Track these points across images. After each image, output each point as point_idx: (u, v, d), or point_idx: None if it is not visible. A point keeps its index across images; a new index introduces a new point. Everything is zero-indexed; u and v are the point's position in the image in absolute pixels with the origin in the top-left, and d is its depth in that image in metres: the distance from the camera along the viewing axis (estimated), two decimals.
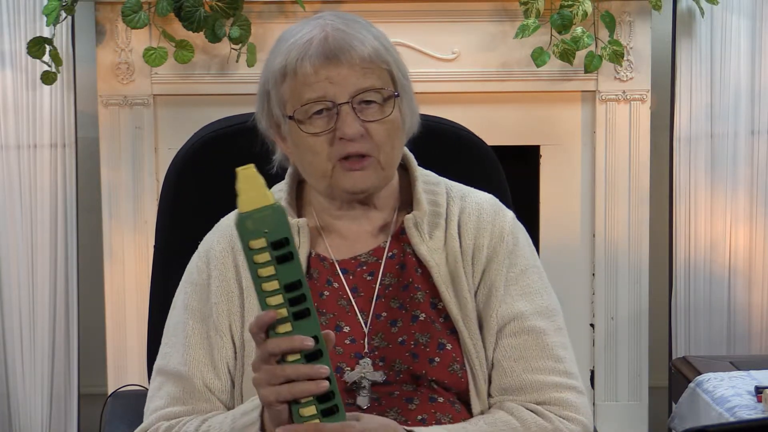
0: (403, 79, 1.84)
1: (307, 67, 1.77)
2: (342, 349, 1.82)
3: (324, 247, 1.87)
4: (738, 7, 3.75)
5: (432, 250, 1.85)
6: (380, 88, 1.80)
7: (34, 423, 3.73)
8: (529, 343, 1.83)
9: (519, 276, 1.86)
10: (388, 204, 1.89)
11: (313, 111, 1.79)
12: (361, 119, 1.78)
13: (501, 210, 1.91)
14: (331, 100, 1.78)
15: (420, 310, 1.83)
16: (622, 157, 3.71)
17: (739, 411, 2.87)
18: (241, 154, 2.14)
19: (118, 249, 3.65)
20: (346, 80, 1.77)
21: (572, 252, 3.72)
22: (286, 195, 1.89)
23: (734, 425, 1.51)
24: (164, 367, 1.86)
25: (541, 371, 1.82)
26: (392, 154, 1.82)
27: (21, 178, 3.68)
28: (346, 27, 1.80)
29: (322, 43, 1.77)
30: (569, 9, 3.50)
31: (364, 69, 1.78)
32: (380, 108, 1.80)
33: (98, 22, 3.59)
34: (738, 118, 3.77)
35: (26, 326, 3.71)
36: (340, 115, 1.78)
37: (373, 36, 1.81)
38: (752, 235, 3.81)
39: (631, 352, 3.76)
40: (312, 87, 1.77)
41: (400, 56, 1.85)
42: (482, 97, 3.67)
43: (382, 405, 1.79)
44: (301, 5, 3.52)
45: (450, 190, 1.91)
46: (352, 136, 1.77)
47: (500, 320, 1.83)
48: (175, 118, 3.64)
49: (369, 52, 1.78)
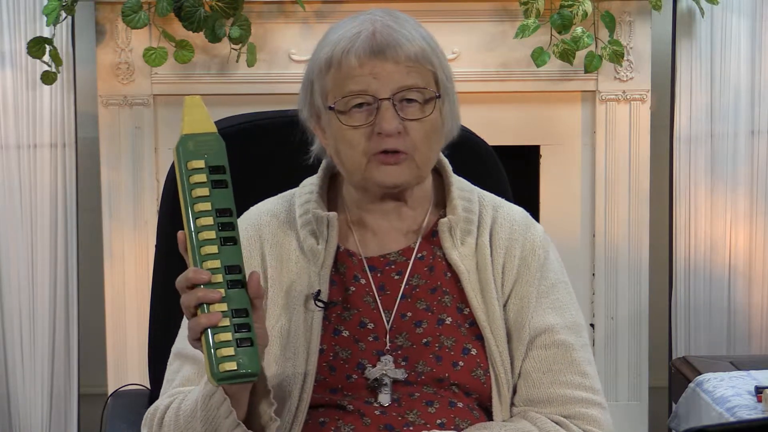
0: (447, 83, 1.85)
1: (352, 59, 1.78)
2: (365, 345, 1.82)
3: (353, 242, 1.88)
4: (738, 7, 3.75)
5: (463, 256, 1.86)
6: (423, 87, 1.81)
7: (34, 423, 3.73)
8: (557, 356, 1.84)
9: (550, 289, 1.87)
10: (420, 204, 1.89)
11: (353, 104, 1.79)
12: (401, 116, 1.79)
13: (533, 224, 1.93)
14: (373, 95, 1.78)
15: (447, 313, 1.84)
16: (622, 157, 3.71)
17: (739, 411, 2.87)
18: (242, 154, 2.15)
19: (118, 249, 3.65)
20: (389, 76, 1.78)
21: (572, 252, 3.72)
22: (318, 188, 1.89)
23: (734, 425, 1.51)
24: (182, 350, 1.86)
25: (568, 386, 1.83)
26: (428, 155, 1.83)
27: (21, 178, 3.68)
28: (396, 24, 1.81)
29: (369, 37, 1.78)
30: (569, 9, 3.50)
31: (408, 67, 1.79)
32: (421, 107, 1.81)
33: (98, 22, 3.59)
34: (738, 118, 3.77)
35: (26, 326, 3.71)
36: (380, 110, 1.78)
37: (421, 36, 1.83)
38: (752, 235, 3.81)
39: (631, 352, 3.76)
40: (355, 80, 1.78)
41: (447, 60, 1.87)
42: (482, 97, 3.67)
43: (402, 406, 1.80)
44: (301, 5, 3.52)
45: (483, 199, 1.92)
46: (390, 132, 1.78)
47: (532, 331, 1.84)
48: (175, 118, 3.64)
49: (415, 50, 1.80)
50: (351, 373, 1.81)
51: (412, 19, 1.86)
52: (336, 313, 1.83)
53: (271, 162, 2.01)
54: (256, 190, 2.00)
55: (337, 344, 1.81)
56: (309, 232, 1.86)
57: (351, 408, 1.80)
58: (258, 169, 2.13)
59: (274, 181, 1.96)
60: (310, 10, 3.58)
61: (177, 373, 1.86)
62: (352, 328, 1.83)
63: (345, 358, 1.81)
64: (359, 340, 1.82)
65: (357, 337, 1.82)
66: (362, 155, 1.79)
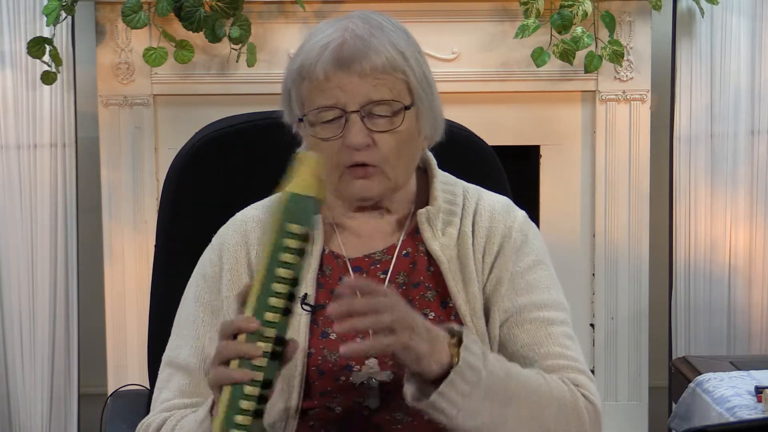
0: (422, 89, 1.81)
1: (319, 72, 1.76)
2: None
3: (337, 244, 1.87)
4: (738, 7, 3.75)
5: (444, 245, 1.85)
6: (390, 100, 1.78)
7: (34, 423, 3.73)
8: (532, 332, 1.82)
9: (525, 271, 1.86)
10: (402, 206, 1.88)
11: (324, 118, 1.78)
12: (369, 129, 1.77)
13: (513, 209, 1.92)
14: (342, 108, 1.77)
15: (429, 309, 1.83)
16: (622, 157, 3.71)
17: (739, 411, 2.87)
18: (242, 155, 2.15)
19: (118, 249, 3.65)
20: (356, 89, 1.76)
21: (572, 252, 3.72)
22: None
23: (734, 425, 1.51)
24: (174, 359, 1.86)
25: (548, 357, 1.81)
26: (399, 166, 1.81)
27: (21, 178, 3.68)
28: (367, 33, 1.78)
29: (336, 49, 1.76)
30: (569, 9, 3.50)
31: (376, 79, 1.77)
32: (390, 120, 1.79)
33: (98, 22, 3.59)
34: (738, 118, 3.77)
35: (26, 326, 3.71)
36: (348, 123, 1.77)
37: (391, 43, 1.79)
38: (752, 235, 3.81)
39: (631, 352, 3.76)
40: (324, 93, 1.77)
41: (425, 62, 1.83)
42: (482, 97, 3.67)
43: (390, 406, 1.79)
44: (301, 5, 3.52)
45: (467, 190, 1.92)
46: (358, 145, 1.77)
47: (502, 314, 1.83)
48: (175, 118, 3.64)
49: (382, 62, 1.76)
50: (339, 375, 1.80)
51: (390, 22, 1.82)
52: (323, 315, 1.82)
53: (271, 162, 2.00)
54: (256, 189, 2.00)
55: (325, 347, 1.81)
56: None
57: (339, 410, 1.80)
58: (258, 168, 2.13)
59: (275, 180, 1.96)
60: (310, 10, 3.58)
61: (168, 382, 1.85)
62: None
63: (333, 361, 1.80)
64: (346, 341, 1.81)
65: (344, 339, 1.81)
66: (334, 168, 1.79)
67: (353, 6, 3.53)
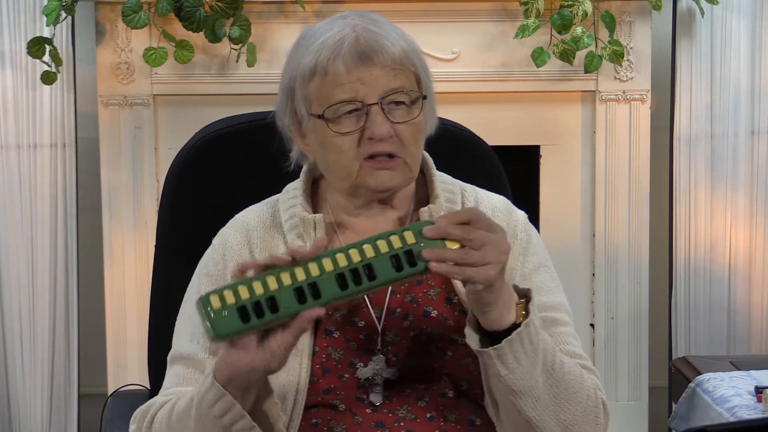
0: (428, 81, 1.85)
1: (339, 66, 1.77)
2: (356, 344, 1.82)
3: (339, 243, 1.88)
4: (738, 7, 3.75)
5: None
6: (409, 89, 1.81)
7: (34, 423, 3.73)
8: None
9: (531, 273, 1.88)
10: (404, 203, 1.90)
11: (343, 111, 1.79)
12: (390, 120, 1.79)
13: (514, 210, 1.94)
14: (361, 101, 1.78)
15: (432, 306, 1.84)
16: (622, 157, 3.71)
17: (739, 411, 2.87)
18: (242, 155, 2.15)
19: (118, 249, 3.65)
20: (377, 81, 1.78)
21: (572, 252, 3.72)
22: (302, 192, 1.90)
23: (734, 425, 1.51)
24: (174, 353, 1.88)
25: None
26: (417, 155, 1.84)
27: (21, 178, 3.68)
28: (375, 27, 1.80)
29: (354, 43, 1.78)
30: (569, 9, 3.50)
31: (394, 70, 1.79)
32: (408, 109, 1.81)
33: (98, 22, 3.59)
34: (738, 118, 3.77)
35: (26, 326, 3.71)
36: (370, 115, 1.78)
37: (400, 37, 1.82)
38: (752, 235, 3.81)
39: (631, 352, 3.76)
40: (343, 87, 1.78)
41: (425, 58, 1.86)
42: (482, 97, 3.67)
43: (393, 402, 1.80)
44: (301, 5, 3.52)
45: (464, 190, 1.94)
46: (382, 136, 1.78)
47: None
48: (175, 118, 3.64)
49: (399, 53, 1.79)
50: (343, 372, 1.81)
51: (387, 20, 1.85)
52: (327, 314, 1.83)
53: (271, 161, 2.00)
54: (256, 189, 2.00)
55: (329, 345, 1.82)
56: (296, 236, 1.86)
57: (342, 407, 1.80)
58: (258, 168, 2.13)
59: (275, 180, 1.96)
60: (310, 10, 3.58)
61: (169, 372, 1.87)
62: (343, 328, 1.83)
63: (337, 359, 1.81)
64: (350, 339, 1.82)
65: (348, 337, 1.82)
66: (354, 160, 1.80)
67: (353, 6, 3.53)
